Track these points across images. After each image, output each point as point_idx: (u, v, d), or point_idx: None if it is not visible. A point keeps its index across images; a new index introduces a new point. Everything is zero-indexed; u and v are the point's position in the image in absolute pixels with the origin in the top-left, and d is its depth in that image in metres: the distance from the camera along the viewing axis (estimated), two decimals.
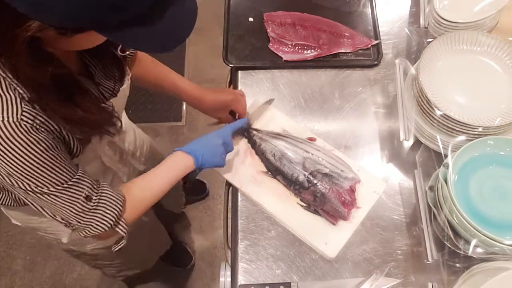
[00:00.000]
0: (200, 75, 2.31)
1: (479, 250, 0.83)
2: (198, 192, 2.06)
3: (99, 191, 0.80)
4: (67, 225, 0.80)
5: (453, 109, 0.94)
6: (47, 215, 0.79)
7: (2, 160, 0.66)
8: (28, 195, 0.73)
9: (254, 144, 1.07)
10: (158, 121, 2.22)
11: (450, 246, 0.87)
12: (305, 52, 1.20)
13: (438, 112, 0.92)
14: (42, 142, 0.68)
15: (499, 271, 0.80)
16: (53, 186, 0.72)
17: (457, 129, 0.92)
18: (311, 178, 0.99)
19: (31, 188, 0.71)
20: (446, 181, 0.85)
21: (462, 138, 0.93)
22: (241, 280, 0.93)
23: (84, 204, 0.77)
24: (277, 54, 1.20)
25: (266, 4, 1.28)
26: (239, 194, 1.03)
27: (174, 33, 0.61)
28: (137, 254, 1.43)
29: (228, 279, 0.95)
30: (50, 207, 0.77)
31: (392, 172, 1.05)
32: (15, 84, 0.65)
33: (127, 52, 0.98)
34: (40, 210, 0.79)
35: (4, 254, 1.95)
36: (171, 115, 2.24)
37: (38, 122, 0.68)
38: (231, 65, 1.20)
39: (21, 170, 0.68)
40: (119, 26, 0.56)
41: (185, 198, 1.93)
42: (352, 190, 0.99)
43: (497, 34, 1.07)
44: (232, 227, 1.00)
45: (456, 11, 1.06)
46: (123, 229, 0.83)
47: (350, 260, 0.95)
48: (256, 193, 1.01)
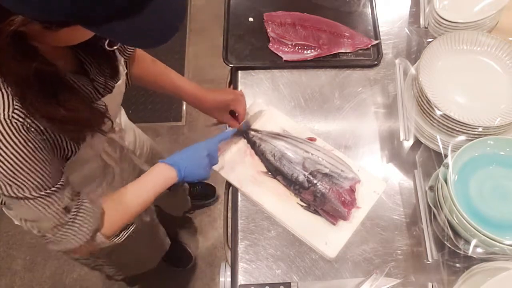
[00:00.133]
0: (200, 75, 2.31)
1: (479, 250, 0.83)
2: (207, 196, 2.02)
3: (78, 203, 0.78)
4: (43, 237, 0.77)
5: (453, 109, 0.94)
6: (24, 225, 0.76)
7: None
8: (8, 198, 0.71)
9: (253, 145, 1.07)
10: (158, 121, 2.22)
11: (450, 246, 0.87)
12: (305, 52, 1.20)
13: (438, 112, 0.92)
14: (30, 143, 0.67)
15: (499, 271, 0.80)
16: (34, 191, 0.70)
17: (457, 129, 0.92)
18: (311, 178, 0.99)
19: (12, 190, 0.69)
20: (446, 181, 0.85)
21: (462, 138, 0.93)
22: (241, 280, 0.93)
23: (62, 215, 0.75)
24: (277, 54, 1.20)
25: (266, 4, 1.28)
26: (239, 194, 1.03)
27: (161, 26, 0.60)
28: (136, 254, 1.43)
29: (228, 279, 0.95)
30: (28, 216, 0.74)
31: (392, 172, 1.05)
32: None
33: (129, 52, 0.98)
34: (17, 218, 0.76)
35: (4, 254, 1.95)
36: (171, 115, 2.24)
37: (29, 121, 0.66)
38: (231, 65, 1.20)
39: (4, 169, 0.66)
40: (103, 20, 0.55)
41: (191, 203, 1.92)
42: (352, 190, 0.99)
43: (497, 34, 1.07)
44: (232, 227, 1.00)
45: (456, 11, 1.06)
46: (101, 243, 0.81)
47: (350, 260, 0.95)
48: (256, 193, 1.01)
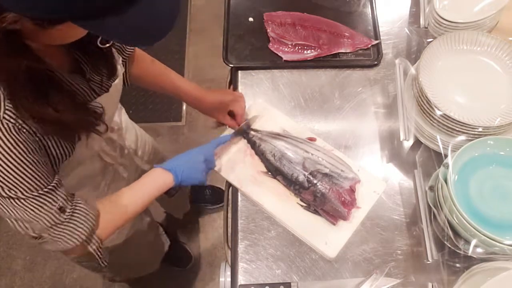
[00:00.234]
0: (200, 75, 2.31)
1: (479, 250, 0.83)
2: (216, 201, 1.99)
3: (73, 204, 0.78)
4: (38, 237, 0.77)
5: (453, 109, 0.94)
6: (17, 226, 0.75)
7: None
8: (1, 199, 0.70)
9: (253, 145, 1.07)
10: (158, 121, 2.22)
11: (450, 246, 0.87)
12: (305, 52, 1.20)
13: (438, 112, 0.92)
14: (21, 144, 0.67)
15: (499, 271, 0.80)
16: (26, 192, 0.70)
17: (457, 129, 0.92)
18: (311, 178, 0.99)
19: (4, 191, 0.68)
20: (446, 181, 0.85)
21: (462, 138, 0.93)
22: (241, 280, 0.93)
23: (57, 215, 0.74)
24: (277, 54, 1.20)
25: (266, 4, 1.28)
26: (239, 194, 1.03)
27: (153, 24, 0.59)
28: (136, 255, 1.43)
29: (228, 279, 0.95)
30: (22, 216, 0.73)
31: (392, 172, 1.05)
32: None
33: (128, 52, 0.98)
34: (11, 220, 0.74)
35: (4, 254, 1.95)
36: (171, 115, 2.24)
37: (21, 122, 0.66)
38: (231, 65, 1.20)
39: None
40: (94, 16, 0.55)
41: (202, 207, 1.93)
42: (352, 190, 0.99)
43: (497, 34, 1.07)
44: (232, 227, 1.00)
45: (456, 11, 1.06)
46: (95, 246, 0.81)
47: (350, 260, 0.95)
48: (256, 193, 1.01)
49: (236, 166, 1.05)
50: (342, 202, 0.96)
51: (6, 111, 0.65)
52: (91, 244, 0.81)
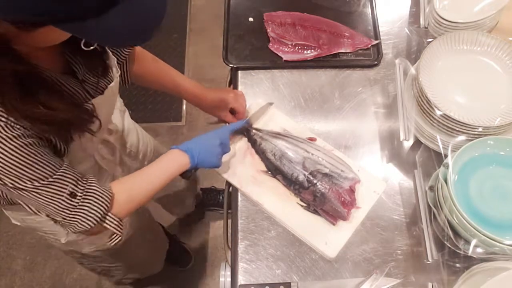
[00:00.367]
0: (200, 75, 2.31)
1: (479, 250, 0.83)
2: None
3: (86, 187, 0.79)
4: (54, 220, 0.79)
5: (453, 109, 0.94)
6: (31, 210, 0.78)
7: None
8: (8, 191, 0.72)
9: (254, 143, 1.07)
10: (158, 121, 2.22)
11: (450, 246, 0.87)
12: (305, 52, 1.20)
13: (438, 112, 0.92)
14: (16, 139, 0.67)
15: (499, 271, 0.80)
16: (32, 183, 0.71)
17: (457, 129, 0.92)
18: (311, 178, 0.99)
19: (10, 184, 0.70)
20: (446, 181, 0.85)
21: (462, 138, 0.93)
22: (241, 280, 0.93)
23: (68, 200, 0.76)
24: (277, 54, 1.20)
25: (266, 4, 1.28)
26: (239, 194, 1.03)
27: (136, 26, 0.59)
28: (140, 252, 1.43)
29: (228, 279, 0.95)
30: (33, 203, 0.75)
31: (392, 172, 1.05)
32: None
33: (125, 53, 0.97)
34: (24, 206, 0.77)
35: (4, 254, 1.95)
36: (171, 115, 2.24)
37: (13, 119, 0.66)
38: (231, 65, 1.20)
39: None
40: (74, 18, 0.55)
41: (214, 211, 1.92)
42: (352, 190, 0.99)
43: (497, 34, 1.07)
44: (232, 227, 1.00)
45: (456, 11, 1.06)
46: (111, 224, 0.82)
47: (350, 260, 0.95)
48: (256, 193, 1.01)
49: (236, 166, 1.05)
50: (342, 202, 0.96)
51: None
52: (107, 222, 0.81)
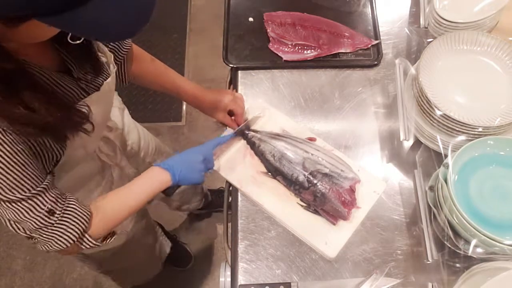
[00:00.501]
0: (200, 75, 2.31)
1: (479, 250, 0.83)
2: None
3: (64, 206, 0.77)
4: (29, 238, 0.77)
5: (453, 109, 0.94)
6: (9, 226, 0.76)
7: None
8: None
9: (253, 145, 1.07)
10: (158, 121, 2.22)
11: (450, 246, 0.87)
12: (305, 52, 1.20)
13: (438, 112, 0.92)
14: (6, 145, 0.66)
15: (499, 271, 0.80)
16: (11, 194, 0.69)
17: (457, 129, 0.92)
18: (311, 178, 0.99)
19: None
20: (446, 181, 0.85)
21: (462, 138, 0.93)
22: (241, 280, 0.93)
23: (46, 218, 0.74)
24: (277, 54, 1.20)
25: (266, 4, 1.28)
26: (239, 194, 1.03)
27: (122, 19, 0.57)
28: (137, 258, 1.43)
29: (228, 279, 0.95)
30: (12, 217, 0.73)
31: (392, 172, 1.05)
32: None
33: (124, 50, 0.97)
34: (4, 219, 0.75)
35: (4, 254, 1.95)
36: (171, 115, 2.24)
37: (5, 123, 0.65)
38: (231, 65, 1.20)
39: None
40: (56, 11, 0.54)
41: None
42: (352, 190, 0.98)
43: (497, 34, 1.07)
44: (232, 227, 1.00)
45: (456, 11, 1.06)
46: (88, 244, 0.81)
47: (350, 260, 0.95)
48: (256, 193, 1.01)
49: (236, 166, 1.05)
50: (342, 202, 0.96)
51: None
52: (83, 244, 0.80)
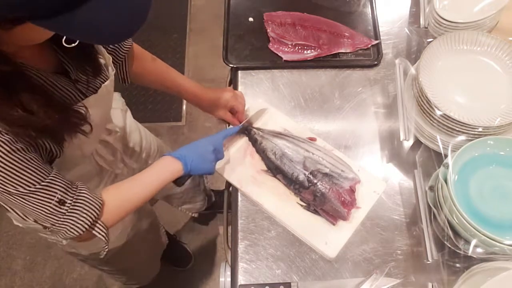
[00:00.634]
0: (200, 75, 2.31)
1: (479, 250, 0.83)
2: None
3: (75, 195, 0.78)
4: (44, 227, 0.78)
5: (453, 109, 0.94)
6: (17, 215, 0.77)
7: None
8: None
9: (255, 142, 1.07)
10: (158, 121, 2.22)
11: (450, 246, 0.87)
12: (305, 52, 1.20)
13: (438, 112, 0.92)
14: (5, 145, 0.67)
15: (499, 271, 0.80)
16: (16, 189, 0.70)
17: (457, 129, 0.92)
18: (311, 178, 0.99)
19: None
20: (446, 181, 0.85)
21: (462, 138, 0.93)
22: (241, 280, 0.93)
23: (57, 207, 0.75)
24: (277, 54, 1.20)
25: (266, 4, 1.28)
26: (239, 194, 1.03)
27: (117, 21, 0.57)
28: (138, 256, 1.43)
29: (228, 279, 0.95)
30: (19, 208, 0.75)
31: (392, 172, 1.05)
32: None
33: (123, 51, 0.97)
34: (10, 210, 0.76)
35: (4, 254, 1.95)
36: (171, 115, 2.24)
37: (3, 125, 0.66)
38: (231, 65, 1.20)
39: None
40: (50, 14, 0.53)
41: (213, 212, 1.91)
42: (352, 190, 0.99)
43: (497, 34, 1.07)
44: (232, 227, 1.00)
45: (456, 11, 1.06)
46: (100, 232, 0.81)
47: (350, 260, 0.95)
48: (256, 193, 1.01)
49: (236, 166, 1.05)
50: (342, 202, 0.96)
51: None
52: (96, 230, 0.81)
